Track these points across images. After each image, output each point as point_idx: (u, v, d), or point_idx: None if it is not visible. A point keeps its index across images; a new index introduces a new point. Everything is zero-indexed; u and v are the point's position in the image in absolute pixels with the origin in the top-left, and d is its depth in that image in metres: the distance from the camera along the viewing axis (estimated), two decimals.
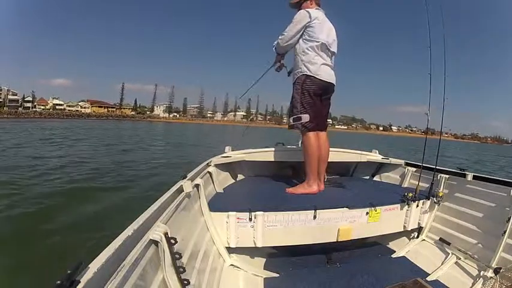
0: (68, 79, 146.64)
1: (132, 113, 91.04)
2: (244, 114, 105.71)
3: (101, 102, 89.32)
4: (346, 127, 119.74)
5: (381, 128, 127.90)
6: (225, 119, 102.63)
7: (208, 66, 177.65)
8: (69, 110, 79.64)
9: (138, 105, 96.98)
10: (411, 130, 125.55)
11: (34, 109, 73.76)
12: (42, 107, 77.25)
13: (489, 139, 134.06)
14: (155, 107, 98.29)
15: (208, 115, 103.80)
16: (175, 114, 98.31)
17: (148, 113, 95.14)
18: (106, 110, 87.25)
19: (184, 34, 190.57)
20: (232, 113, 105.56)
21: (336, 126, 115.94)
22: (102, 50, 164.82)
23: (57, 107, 79.97)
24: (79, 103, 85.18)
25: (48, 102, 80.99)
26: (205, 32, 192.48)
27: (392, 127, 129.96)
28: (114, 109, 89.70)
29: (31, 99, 77.33)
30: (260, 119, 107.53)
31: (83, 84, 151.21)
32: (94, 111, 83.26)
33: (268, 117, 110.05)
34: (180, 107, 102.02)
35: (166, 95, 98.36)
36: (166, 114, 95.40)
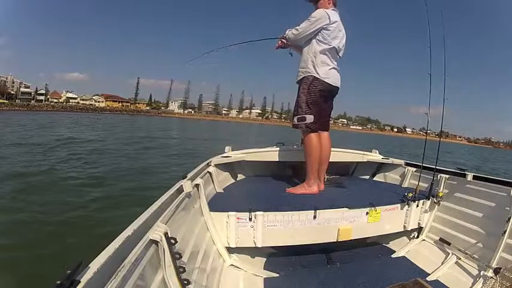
0: (83, 73, 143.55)
1: (146, 108, 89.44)
2: (260, 111, 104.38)
3: (116, 96, 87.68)
4: (361, 127, 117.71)
5: (395, 130, 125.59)
6: (240, 116, 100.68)
7: (225, 61, 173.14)
8: (83, 104, 77.51)
9: (153, 101, 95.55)
10: (425, 133, 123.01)
11: (47, 102, 71.47)
12: (56, 100, 75.02)
13: (501, 144, 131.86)
14: (170, 102, 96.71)
15: (224, 112, 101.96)
16: (190, 110, 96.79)
17: (163, 108, 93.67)
18: (120, 104, 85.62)
19: (201, 29, 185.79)
20: (248, 111, 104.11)
21: (351, 127, 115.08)
22: (117, 45, 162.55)
23: (70, 100, 77.91)
24: (93, 97, 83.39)
25: (62, 95, 79.12)
26: (223, 26, 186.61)
27: (406, 129, 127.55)
28: (129, 104, 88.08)
29: (44, 92, 75.32)
30: (275, 117, 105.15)
31: (98, 78, 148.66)
32: (108, 106, 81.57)
33: (284, 115, 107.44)
34: (195, 103, 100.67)
35: (182, 91, 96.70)
36: (181, 110, 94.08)
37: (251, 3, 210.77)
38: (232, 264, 1.58)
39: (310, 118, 1.97)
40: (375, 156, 2.79)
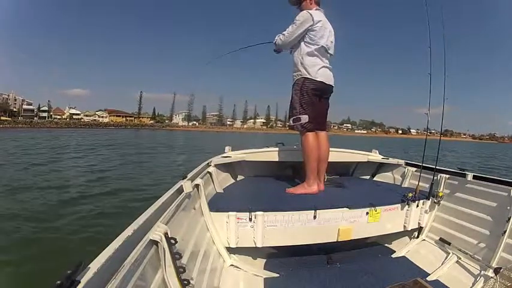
0: (85, 89, 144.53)
1: (150, 121, 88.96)
2: (264, 121, 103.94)
3: (119, 111, 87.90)
4: (365, 131, 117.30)
5: (400, 132, 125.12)
6: (245, 126, 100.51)
7: (228, 73, 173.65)
8: (86, 120, 76.01)
9: (156, 114, 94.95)
10: (430, 132, 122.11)
11: (50, 119, 70.20)
12: (59, 117, 73.82)
13: (506, 139, 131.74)
14: (174, 115, 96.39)
15: (228, 123, 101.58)
16: (194, 122, 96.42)
17: (167, 121, 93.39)
18: (124, 119, 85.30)
19: (201, 41, 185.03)
20: (252, 120, 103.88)
21: (356, 131, 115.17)
22: (119, 59, 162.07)
23: (74, 116, 76.87)
24: (96, 112, 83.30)
25: (65, 111, 78.86)
26: (222, 38, 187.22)
27: (411, 130, 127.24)
28: (133, 118, 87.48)
29: (47, 108, 74.56)
30: (280, 125, 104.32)
31: (101, 93, 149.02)
32: (112, 121, 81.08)
33: (288, 123, 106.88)
34: (199, 115, 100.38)
35: (185, 103, 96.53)
36: (185, 123, 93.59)
37: (250, 12, 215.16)
38: (232, 265, 1.58)
39: (304, 118, 1.97)
40: (375, 156, 2.78)
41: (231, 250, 1.63)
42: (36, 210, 4.00)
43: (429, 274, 1.58)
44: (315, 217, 1.64)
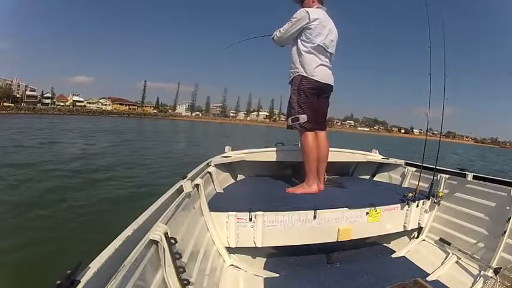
0: (89, 76, 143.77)
1: (154, 111, 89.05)
2: (267, 114, 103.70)
3: (122, 99, 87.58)
4: (368, 129, 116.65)
5: (403, 131, 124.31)
6: (248, 118, 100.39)
7: (232, 64, 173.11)
8: (89, 107, 76.11)
9: (160, 104, 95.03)
10: (432, 133, 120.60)
11: (53, 105, 70.26)
12: (62, 104, 73.88)
13: (508, 144, 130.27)
14: (177, 105, 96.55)
15: (231, 114, 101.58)
16: (197, 113, 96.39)
17: (170, 111, 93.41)
18: (127, 107, 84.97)
19: (205, 33, 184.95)
20: (255, 113, 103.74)
21: (359, 128, 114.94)
22: (124, 48, 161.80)
23: (77, 103, 77.02)
24: (100, 100, 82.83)
25: (68, 98, 78.82)
26: (228, 30, 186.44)
27: (414, 130, 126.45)
28: (136, 107, 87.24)
29: (50, 95, 74.53)
30: (283, 119, 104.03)
31: (104, 81, 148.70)
32: (115, 109, 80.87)
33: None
34: (202, 106, 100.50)
35: (189, 94, 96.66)
36: (189, 113, 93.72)
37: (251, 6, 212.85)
38: (232, 264, 1.58)
39: (303, 118, 1.95)
40: (375, 156, 2.77)
41: (231, 250, 1.63)
42: None
43: (429, 274, 1.58)
44: (315, 217, 1.64)
